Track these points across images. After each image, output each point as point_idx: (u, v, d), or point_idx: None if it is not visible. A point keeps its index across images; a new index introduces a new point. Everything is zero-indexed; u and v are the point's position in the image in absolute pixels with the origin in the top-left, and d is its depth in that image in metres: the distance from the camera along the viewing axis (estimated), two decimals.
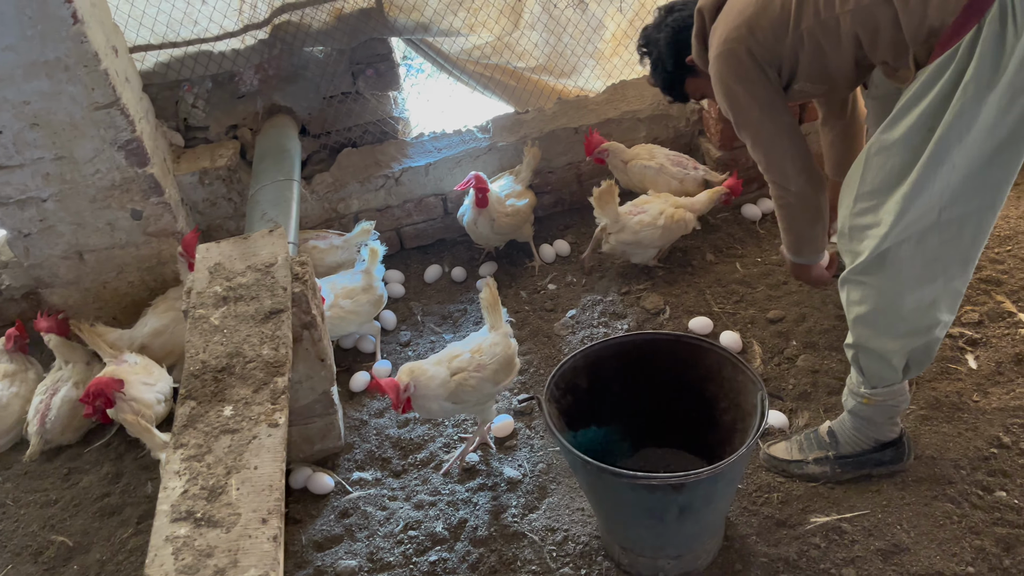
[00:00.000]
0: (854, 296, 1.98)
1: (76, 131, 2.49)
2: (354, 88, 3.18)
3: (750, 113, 2.05)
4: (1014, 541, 2.03)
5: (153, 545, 1.53)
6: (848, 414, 2.20)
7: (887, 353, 2.01)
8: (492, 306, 2.40)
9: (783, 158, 2.09)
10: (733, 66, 2.01)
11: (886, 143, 1.81)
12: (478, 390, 2.27)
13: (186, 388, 1.84)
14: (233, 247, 2.22)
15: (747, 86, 2.02)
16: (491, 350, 2.32)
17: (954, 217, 1.80)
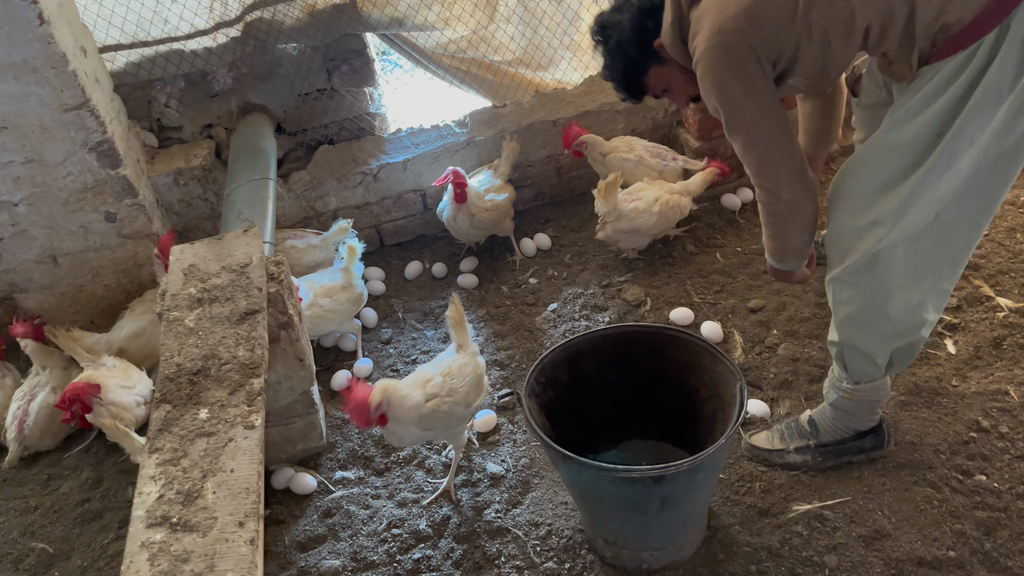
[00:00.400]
0: (842, 296, 1.97)
1: (46, 133, 2.45)
2: (329, 85, 3.15)
3: (745, 114, 1.83)
4: (995, 524, 2.04)
5: (129, 552, 1.51)
6: (829, 405, 2.20)
7: (872, 352, 2.02)
8: (458, 324, 2.31)
9: (777, 163, 1.88)
10: (729, 61, 1.78)
11: (892, 143, 1.76)
12: (451, 415, 2.17)
13: (161, 392, 1.82)
14: (207, 248, 2.20)
15: (744, 84, 1.80)
16: (461, 372, 2.22)
17: (950, 219, 1.80)
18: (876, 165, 1.81)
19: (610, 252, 3.17)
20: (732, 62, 1.78)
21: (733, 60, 1.77)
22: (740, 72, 1.79)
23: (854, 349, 2.03)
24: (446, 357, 2.31)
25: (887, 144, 1.78)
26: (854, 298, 1.95)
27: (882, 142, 1.79)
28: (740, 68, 1.78)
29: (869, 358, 2.03)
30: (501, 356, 2.82)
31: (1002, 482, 2.13)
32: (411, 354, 2.90)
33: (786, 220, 1.98)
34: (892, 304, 1.91)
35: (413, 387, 2.15)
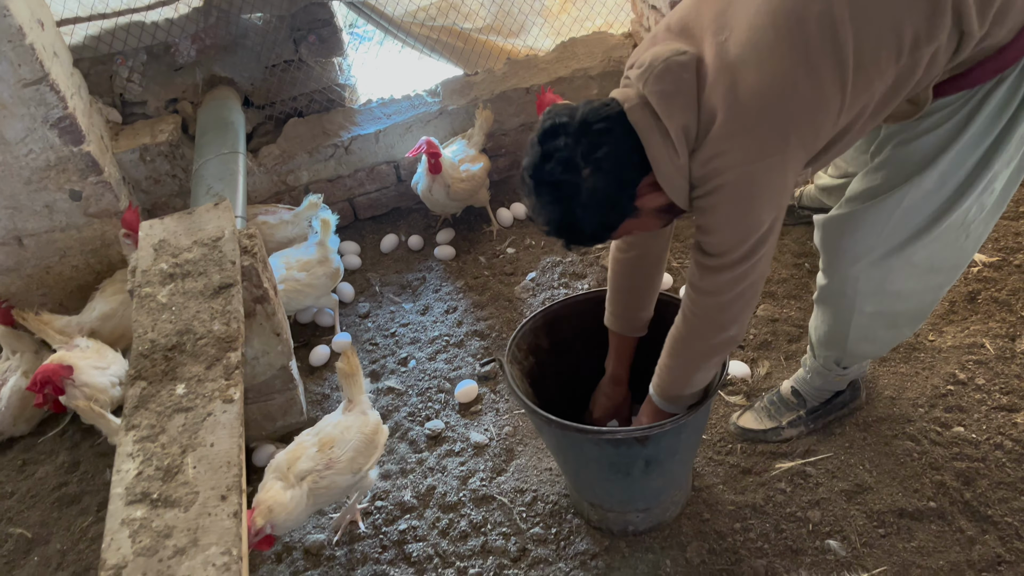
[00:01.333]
0: (859, 328, 1.92)
1: (4, 110, 2.37)
2: (297, 56, 3.09)
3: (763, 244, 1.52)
4: (973, 474, 2.07)
5: (109, 529, 1.48)
6: (813, 380, 2.20)
7: (877, 353, 2.07)
8: (349, 378, 2.11)
9: (754, 297, 1.61)
10: (774, 188, 1.45)
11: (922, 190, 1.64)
12: (334, 487, 2.00)
13: (135, 368, 1.78)
14: (178, 223, 2.15)
15: (777, 210, 1.50)
16: (343, 437, 2.03)
17: (975, 233, 1.76)
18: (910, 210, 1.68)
19: None
20: (776, 186, 1.46)
21: (777, 184, 1.46)
22: (777, 197, 1.47)
23: (858, 355, 2.06)
24: (329, 421, 2.11)
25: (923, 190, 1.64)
26: (872, 324, 1.92)
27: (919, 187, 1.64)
28: (779, 192, 1.47)
29: (872, 356, 2.09)
30: (481, 326, 2.80)
31: (980, 433, 2.16)
32: (390, 327, 2.88)
33: (715, 353, 1.70)
34: (907, 316, 1.92)
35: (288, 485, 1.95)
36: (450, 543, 2.16)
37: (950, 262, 1.81)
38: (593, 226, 1.54)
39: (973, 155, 1.60)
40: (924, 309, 1.91)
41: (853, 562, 1.94)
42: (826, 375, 2.14)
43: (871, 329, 1.93)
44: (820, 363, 2.12)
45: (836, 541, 1.99)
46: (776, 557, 1.98)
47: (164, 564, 1.41)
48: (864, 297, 1.84)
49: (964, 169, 1.61)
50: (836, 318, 1.94)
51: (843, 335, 1.96)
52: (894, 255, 1.75)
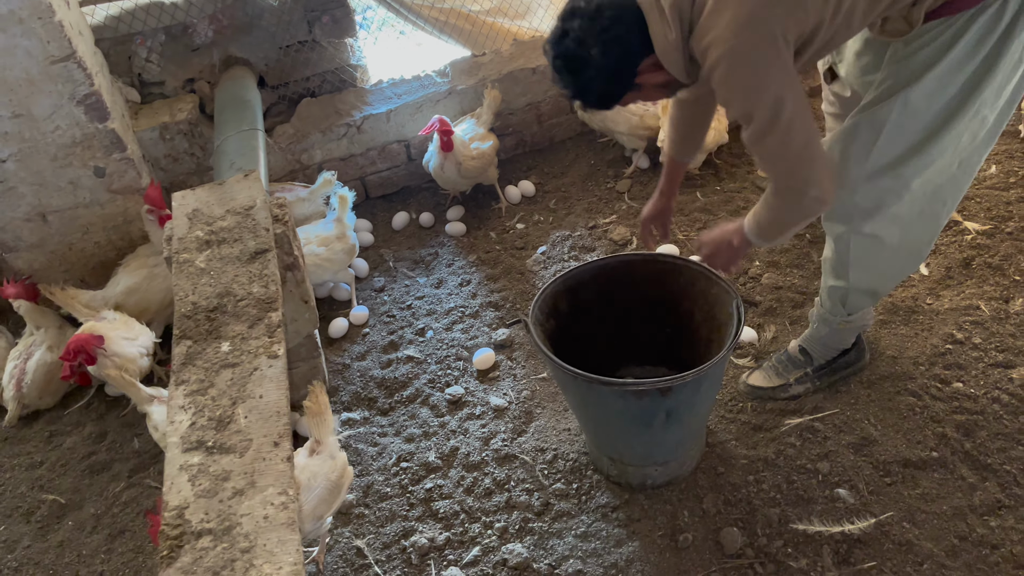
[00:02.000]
0: (860, 247, 2.02)
1: (33, 87, 2.43)
2: (311, 36, 3.15)
3: (782, 110, 1.61)
4: (973, 426, 2.18)
5: (168, 475, 1.56)
6: (819, 332, 2.31)
7: (877, 290, 2.14)
8: (317, 417, 2.01)
9: (814, 159, 1.70)
10: (765, 55, 1.58)
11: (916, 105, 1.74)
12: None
13: (179, 329, 1.86)
14: (209, 193, 2.22)
15: (781, 74, 1.60)
16: (309, 485, 1.92)
17: (968, 164, 1.87)
18: (892, 134, 1.79)
19: (594, 196, 3.25)
20: (767, 55, 1.58)
21: (768, 53, 1.58)
22: (776, 64, 1.59)
23: (862, 291, 2.14)
24: (296, 459, 1.96)
25: (911, 105, 1.75)
26: (871, 248, 2.02)
27: (906, 102, 1.75)
28: (775, 60, 1.59)
29: (872, 295, 2.16)
30: (495, 298, 2.89)
31: (978, 388, 2.27)
32: (406, 300, 2.96)
33: (804, 216, 1.81)
34: (905, 248, 2.02)
35: None
36: (475, 500, 2.25)
37: (943, 192, 1.91)
38: (599, 95, 1.80)
39: (958, 77, 1.70)
40: (918, 244, 2.02)
41: (862, 509, 2.05)
42: (831, 322, 2.23)
43: (869, 255, 2.03)
44: (827, 308, 2.22)
45: (845, 490, 2.10)
46: (788, 506, 2.09)
47: (225, 504, 1.50)
48: (863, 216, 1.94)
49: (952, 88, 1.72)
50: (839, 240, 2.05)
51: (845, 259, 2.06)
52: (887, 172, 1.85)
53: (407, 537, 2.19)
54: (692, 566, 2.00)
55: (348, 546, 2.19)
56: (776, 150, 1.69)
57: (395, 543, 2.18)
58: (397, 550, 2.16)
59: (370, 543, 2.19)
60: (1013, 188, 2.87)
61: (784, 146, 1.67)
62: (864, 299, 2.18)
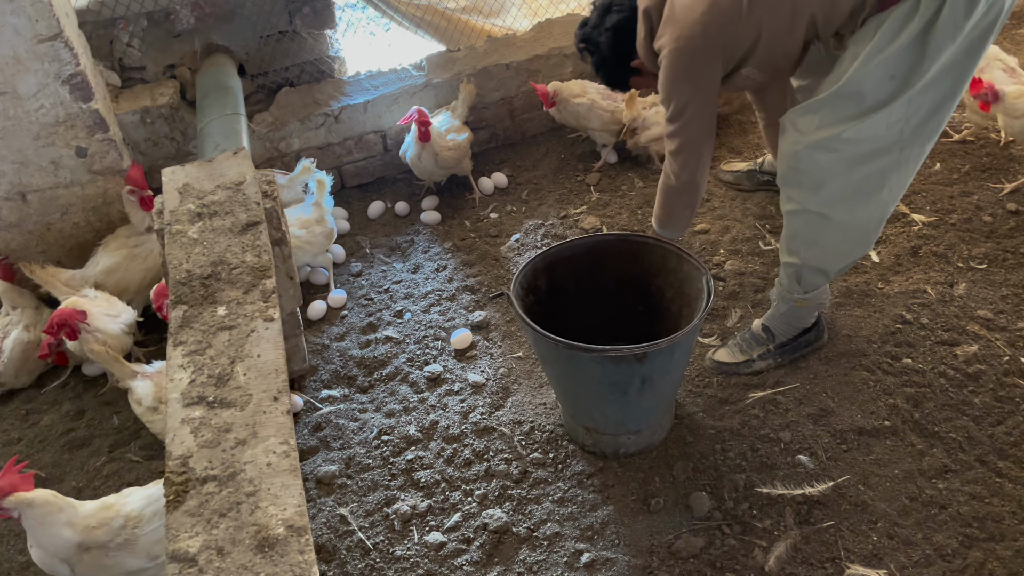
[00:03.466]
0: (810, 224, 2.20)
1: (19, 65, 2.45)
2: (291, 27, 3.22)
3: (684, 113, 2.16)
4: (921, 398, 2.34)
5: (171, 428, 1.62)
6: (780, 312, 2.45)
7: (828, 268, 2.30)
8: None
9: (693, 153, 2.24)
10: (685, 66, 2.09)
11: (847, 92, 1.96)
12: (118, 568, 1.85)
13: (175, 295, 1.91)
14: (199, 169, 2.27)
15: (691, 87, 2.13)
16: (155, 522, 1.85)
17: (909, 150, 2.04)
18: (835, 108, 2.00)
19: (565, 188, 3.37)
20: (687, 67, 2.10)
21: (688, 65, 2.10)
22: (691, 76, 2.12)
23: (813, 268, 2.29)
24: (145, 493, 1.93)
25: (844, 92, 1.97)
26: (820, 225, 2.18)
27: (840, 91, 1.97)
28: (692, 72, 2.11)
29: (823, 273, 2.30)
30: (471, 282, 2.98)
31: (925, 364, 2.44)
32: (383, 284, 3.03)
33: (677, 195, 2.35)
34: (853, 228, 2.18)
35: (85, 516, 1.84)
36: (455, 469, 2.33)
37: (887, 178, 2.08)
38: (610, 75, 2.42)
39: (886, 65, 1.90)
40: (864, 225, 2.19)
41: (821, 473, 2.19)
42: (789, 300, 2.38)
43: (819, 232, 2.20)
44: (785, 286, 2.37)
45: (805, 457, 2.24)
46: (753, 472, 2.22)
47: (228, 453, 1.56)
48: (809, 189, 2.13)
49: (883, 71, 1.91)
50: (792, 217, 2.24)
51: (797, 236, 2.25)
52: (828, 143, 2.03)
53: (389, 505, 2.26)
54: (664, 528, 2.12)
55: (332, 514, 2.25)
56: (673, 134, 2.24)
57: (378, 511, 2.25)
58: (380, 517, 2.23)
59: (353, 511, 2.26)
60: (956, 184, 3.07)
61: (677, 135, 2.23)
62: (817, 277, 2.32)
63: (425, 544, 2.14)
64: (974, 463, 2.17)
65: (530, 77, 3.48)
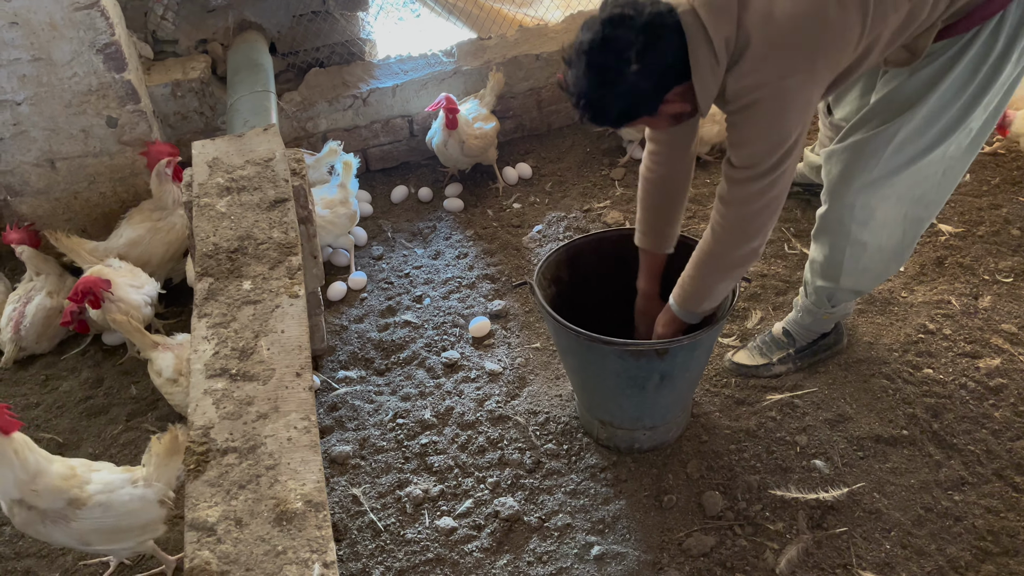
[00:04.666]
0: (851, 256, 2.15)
1: (55, 32, 2.47)
2: (324, 7, 3.22)
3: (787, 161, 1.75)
4: (941, 409, 2.32)
5: (193, 398, 1.63)
6: (803, 320, 2.43)
7: (863, 290, 2.30)
8: (163, 455, 1.89)
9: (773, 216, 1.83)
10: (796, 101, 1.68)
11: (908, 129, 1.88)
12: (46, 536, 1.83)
13: (201, 267, 1.92)
14: (229, 144, 2.28)
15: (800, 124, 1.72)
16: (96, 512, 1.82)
17: (952, 172, 2.01)
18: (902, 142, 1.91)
19: (589, 181, 3.36)
20: (801, 101, 1.68)
21: (803, 98, 1.68)
22: (805, 110, 1.70)
23: (847, 290, 2.28)
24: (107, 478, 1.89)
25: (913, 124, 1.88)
26: (862, 254, 2.15)
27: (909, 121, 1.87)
28: (806, 107, 1.69)
29: (856, 293, 2.31)
30: (491, 271, 2.98)
31: (947, 375, 2.42)
32: (403, 268, 3.04)
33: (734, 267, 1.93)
34: (891, 251, 2.16)
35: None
36: (469, 456, 2.33)
37: (928, 196, 2.06)
38: (616, 114, 1.75)
39: (958, 97, 1.84)
40: (905, 244, 2.16)
41: (835, 479, 2.18)
42: (815, 313, 2.37)
43: (861, 259, 2.16)
44: (812, 301, 2.35)
45: (820, 461, 2.22)
46: (768, 474, 2.21)
47: (249, 426, 1.57)
48: (859, 225, 2.08)
49: (951, 109, 1.86)
50: (833, 247, 2.17)
51: (838, 264, 2.19)
52: (884, 183, 1.98)
53: (402, 488, 2.26)
54: (675, 525, 2.11)
55: (344, 493, 2.26)
56: (755, 195, 1.77)
57: (390, 493, 2.26)
58: (392, 499, 2.24)
59: (366, 492, 2.26)
60: (985, 195, 3.04)
61: (764, 192, 1.77)
62: (849, 296, 2.33)
63: (436, 528, 2.15)
64: (991, 477, 2.15)
65: (560, 69, 3.46)
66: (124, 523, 1.86)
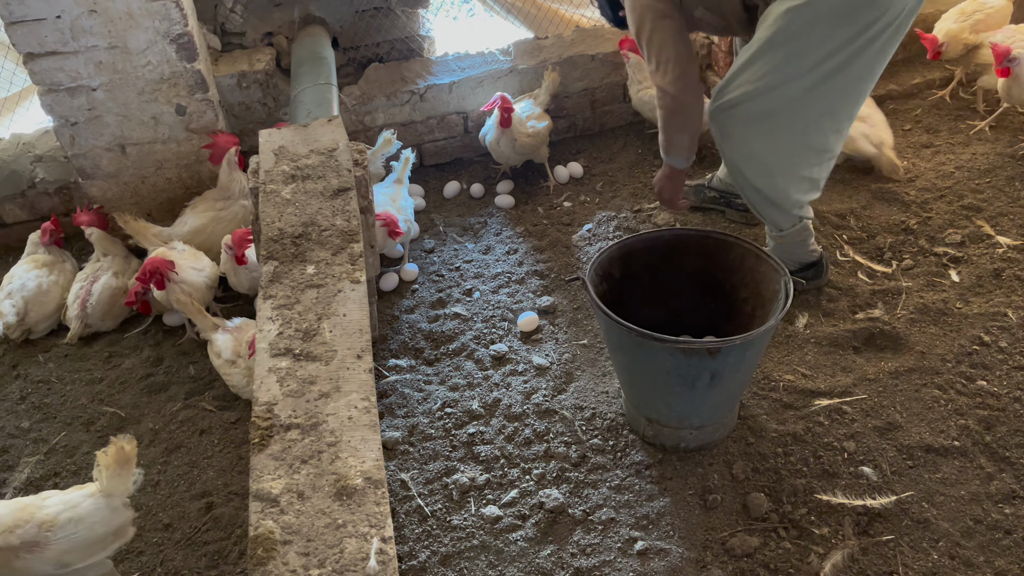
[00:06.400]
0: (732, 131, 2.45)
1: (131, 21, 2.56)
2: (386, 3, 3.29)
3: (645, 24, 2.36)
4: (994, 421, 2.30)
5: (258, 375, 1.69)
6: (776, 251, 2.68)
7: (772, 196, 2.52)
8: (113, 466, 1.86)
9: (666, 62, 2.37)
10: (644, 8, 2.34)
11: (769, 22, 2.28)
12: (28, 571, 1.78)
13: (267, 251, 1.98)
14: (294, 134, 2.35)
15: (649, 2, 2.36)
16: (70, 524, 1.80)
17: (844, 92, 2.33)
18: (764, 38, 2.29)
19: (640, 182, 3.37)
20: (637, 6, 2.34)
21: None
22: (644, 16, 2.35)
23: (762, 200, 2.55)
24: (64, 498, 1.86)
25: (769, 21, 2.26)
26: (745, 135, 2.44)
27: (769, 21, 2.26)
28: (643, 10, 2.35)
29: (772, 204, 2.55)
30: (541, 267, 3.01)
31: (1001, 387, 2.39)
32: (454, 262, 3.09)
33: (671, 115, 2.47)
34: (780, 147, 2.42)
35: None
36: (515, 447, 2.37)
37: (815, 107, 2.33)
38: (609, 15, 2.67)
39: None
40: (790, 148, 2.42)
41: (883, 486, 2.17)
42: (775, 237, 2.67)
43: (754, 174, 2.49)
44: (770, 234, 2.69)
45: (869, 468, 2.21)
46: (814, 479, 2.21)
47: (312, 404, 1.62)
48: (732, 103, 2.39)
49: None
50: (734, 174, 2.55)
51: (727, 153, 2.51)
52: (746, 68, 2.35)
53: (449, 475, 2.31)
54: (719, 524, 2.12)
55: (393, 478, 2.31)
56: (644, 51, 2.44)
57: (437, 479, 2.30)
58: (439, 486, 2.29)
59: (414, 477, 2.31)
60: None
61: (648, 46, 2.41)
62: (771, 209, 2.56)
63: (481, 516, 2.19)
64: None
65: (615, 70, 3.49)
66: (98, 532, 1.84)
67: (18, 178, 3.10)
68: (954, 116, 3.55)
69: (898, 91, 3.68)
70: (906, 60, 3.80)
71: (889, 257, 2.89)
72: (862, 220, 3.04)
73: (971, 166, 3.22)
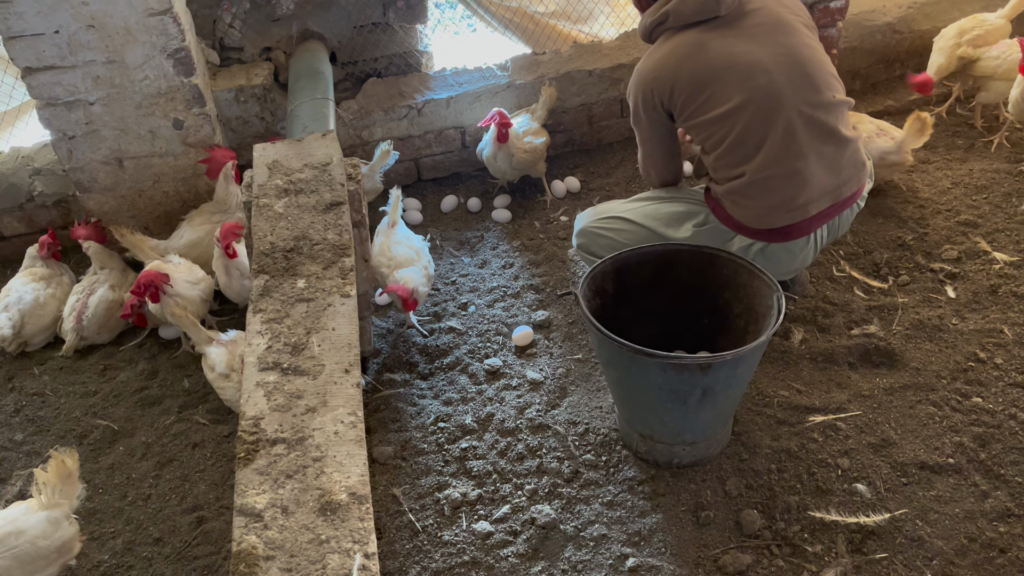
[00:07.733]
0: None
1: (129, 36, 2.58)
2: (384, 19, 3.31)
3: (639, 109, 2.46)
4: (989, 438, 2.28)
5: (245, 390, 1.69)
6: None
7: None
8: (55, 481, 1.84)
9: (649, 156, 2.59)
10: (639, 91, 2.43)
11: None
12: None
13: (258, 264, 1.99)
14: (288, 148, 2.36)
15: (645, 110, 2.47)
16: (8, 542, 1.75)
17: None
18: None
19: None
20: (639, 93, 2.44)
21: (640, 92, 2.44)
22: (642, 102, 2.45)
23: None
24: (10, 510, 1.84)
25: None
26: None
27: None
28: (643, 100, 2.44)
29: None
30: (536, 281, 3.01)
31: (996, 404, 2.37)
32: (450, 276, 3.09)
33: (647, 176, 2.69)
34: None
35: None
36: (508, 462, 2.36)
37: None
38: None
39: None
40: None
41: (877, 504, 2.15)
42: None
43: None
44: None
45: (862, 485, 2.20)
46: (808, 495, 2.19)
47: (298, 419, 1.62)
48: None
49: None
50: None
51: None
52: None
53: (441, 490, 2.30)
54: (712, 541, 2.11)
55: (384, 493, 2.30)
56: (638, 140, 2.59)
57: (429, 494, 2.29)
58: (431, 501, 2.28)
59: (405, 492, 2.30)
60: None
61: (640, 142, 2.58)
62: None
63: (473, 532, 2.18)
64: None
65: (612, 85, 3.50)
66: (41, 546, 1.80)
67: (17, 191, 3.12)
68: (951, 132, 3.55)
69: (895, 107, 3.69)
70: (902, 77, 3.81)
71: (885, 273, 2.88)
72: (858, 235, 3.04)
73: (968, 182, 3.22)
